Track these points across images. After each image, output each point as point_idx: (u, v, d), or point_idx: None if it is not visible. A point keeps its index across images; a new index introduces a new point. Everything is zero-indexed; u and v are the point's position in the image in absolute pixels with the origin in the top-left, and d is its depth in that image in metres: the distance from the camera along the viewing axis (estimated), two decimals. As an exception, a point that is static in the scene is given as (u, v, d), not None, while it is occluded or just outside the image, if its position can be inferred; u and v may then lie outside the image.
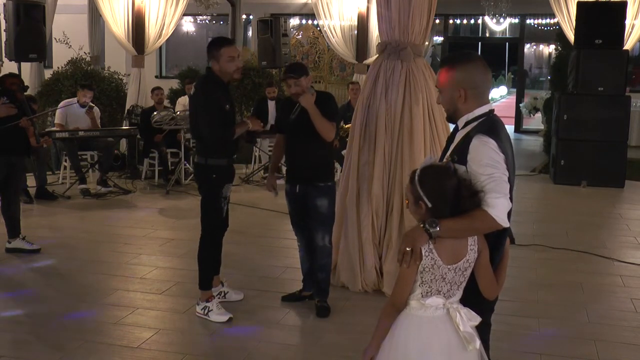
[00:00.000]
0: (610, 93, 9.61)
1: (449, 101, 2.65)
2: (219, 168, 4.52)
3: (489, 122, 2.57)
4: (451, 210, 2.38)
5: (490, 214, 2.39)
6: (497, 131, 2.52)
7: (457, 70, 2.61)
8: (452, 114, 2.68)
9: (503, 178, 2.43)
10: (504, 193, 2.42)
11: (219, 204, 4.56)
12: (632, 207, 8.49)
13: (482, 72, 2.62)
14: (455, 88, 2.60)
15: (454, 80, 2.61)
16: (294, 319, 4.64)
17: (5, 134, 5.87)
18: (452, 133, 2.74)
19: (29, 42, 9.25)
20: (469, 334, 2.39)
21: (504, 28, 20.50)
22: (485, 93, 2.65)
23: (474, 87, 2.60)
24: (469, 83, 2.59)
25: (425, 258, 2.37)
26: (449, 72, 2.63)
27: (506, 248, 2.60)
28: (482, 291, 2.51)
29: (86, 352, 4.03)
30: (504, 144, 2.50)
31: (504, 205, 2.42)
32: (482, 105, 2.61)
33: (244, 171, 10.08)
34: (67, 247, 6.27)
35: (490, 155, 2.45)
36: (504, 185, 2.43)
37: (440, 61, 2.70)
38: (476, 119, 2.59)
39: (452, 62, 2.65)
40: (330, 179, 4.65)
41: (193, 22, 18.99)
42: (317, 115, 4.43)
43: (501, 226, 2.43)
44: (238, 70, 4.49)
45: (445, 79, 2.64)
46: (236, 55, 4.47)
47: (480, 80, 2.61)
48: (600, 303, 5.00)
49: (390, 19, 5.19)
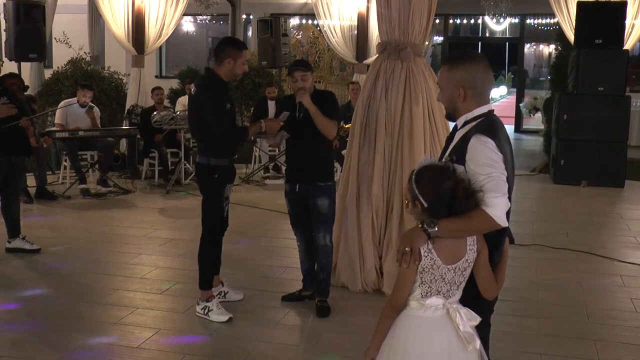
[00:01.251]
0: (610, 93, 9.61)
1: (448, 99, 2.65)
2: (221, 168, 4.52)
3: (488, 122, 2.57)
4: (448, 211, 2.38)
5: (489, 214, 2.39)
6: (496, 131, 2.52)
7: (458, 69, 2.61)
8: (452, 113, 2.68)
9: (501, 177, 2.43)
10: (503, 192, 2.42)
11: (220, 204, 4.56)
12: (632, 207, 8.49)
13: (483, 72, 2.62)
14: (455, 87, 2.60)
15: (454, 79, 2.61)
16: (294, 319, 4.64)
17: (5, 134, 5.88)
18: (451, 133, 2.74)
19: (29, 42, 9.25)
20: (469, 334, 2.39)
21: (504, 28, 20.50)
22: (486, 93, 2.65)
23: (474, 87, 2.59)
24: (469, 82, 2.59)
25: (425, 258, 2.37)
26: (449, 70, 2.63)
27: (505, 248, 2.60)
28: (481, 291, 2.51)
29: (86, 352, 4.03)
30: (502, 144, 2.49)
31: (503, 204, 2.42)
32: (481, 105, 2.61)
33: (244, 171, 10.08)
34: (67, 247, 6.27)
35: (489, 155, 2.44)
36: (502, 184, 2.43)
37: (443, 59, 2.69)
38: (475, 119, 2.59)
39: (454, 60, 2.65)
40: (330, 178, 4.65)
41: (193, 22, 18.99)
42: (317, 114, 4.44)
43: (500, 226, 2.43)
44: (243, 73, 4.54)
45: (445, 78, 2.64)
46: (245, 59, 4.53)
47: (481, 80, 2.61)
48: (600, 303, 5.00)
49: (390, 18, 5.19)
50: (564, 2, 10.82)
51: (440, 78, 2.68)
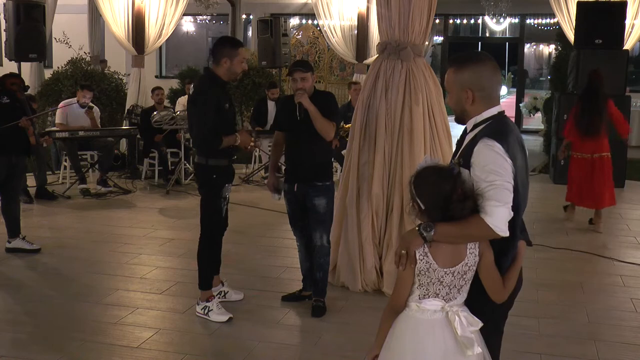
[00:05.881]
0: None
1: (456, 103, 2.57)
2: (220, 168, 4.52)
3: (497, 125, 2.48)
4: (443, 214, 2.35)
5: (486, 222, 2.33)
6: (505, 134, 2.44)
7: (464, 71, 2.53)
8: (460, 116, 2.60)
9: (505, 186, 2.35)
10: (505, 202, 2.34)
11: (219, 204, 4.56)
12: (632, 207, 8.49)
13: (490, 73, 2.53)
14: (462, 89, 2.52)
15: (461, 82, 2.52)
16: (294, 319, 4.63)
17: (5, 134, 5.88)
18: (461, 135, 2.66)
19: (29, 42, 9.26)
20: (468, 338, 2.35)
21: (504, 28, 20.49)
22: (494, 94, 2.56)
23: (482, 89, 2.51)
24: (476, 85, 2.51)
25: (420, 262, 2.36)
26: (456, 73, 2.55)
27: (520, 251, 2.51)
28: (489, 293, 2.46)
29: (86, 352, 4.03)
30: (512, 148, 2.41)
31: (503, 214, 2.34)
32: (490, 107, 2.52)
33: (244, 171, 10.08)
34: (67, 247, 6.27)
35: (495, 161, 2.36)
36: (505, 193, 2.34)
37: (448, 61, 2.61)
38: (484, 122, 2.51)
39: (459, 62, 2.56)
40: (328, 178, 4.65)
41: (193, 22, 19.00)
42: (316, 115, 4.45)
43: (499, 236, 2.35)
44: (243, 72, 4.53)
45: (452, 80, 2.56)
46: (245, 58, 4.53)
47: (489, 81, 2.53)
48: (600, 303, 5.01)
49: (390, 19, 5.19)
50: (564, 2, 10.81)
51: (446, 81, 2.59)
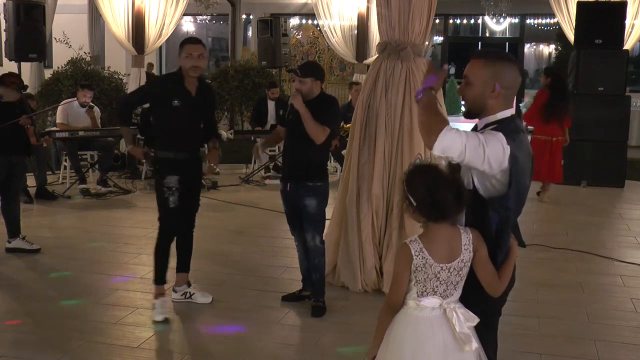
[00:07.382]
0: (610, 93, 9.62)
1: (479, 95, 2.51)
2: (164, 160, 4.60)
3: (509, 124, 2.48)
4: (433, 209, 2.36)
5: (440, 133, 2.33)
6: (514, 132, 2.44)
7: (496, 65, 2.51)
8: (476, 110, 2.55)
9: (482, 146, 2.33)
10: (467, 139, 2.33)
11: (162, 193, 4.56)
12: (632, 207, 8.49)
13: (517, 76, 2.54)
14: (490, 82, 2.48)
15: (491, 74, 2.49)
16: (294, 318, 4.63)
17: (5, 134, 5.87)
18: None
19: (29, 42, 9.26)
20: (465, 334, 2.38)
21: (504, 28, 20.49)
22: (512, 98, 2.57)
23: (508, 87, 2.51)
24: (505, 82, 2.50)
25: (416, 257, 2.38)
26: (487, 64, 2.51)
27: (512, 247, 2.53)
28: (485, 287, 2.48)
29: (86, 352, 4.03)
30: (516, 145, 2.40)
31: (453, 141, 2.33)
32: (507, 108, 2.53)
33: (244, 171, 10.08)
34: (67, 247, 6.26)
35: (490, 140, 2.36)
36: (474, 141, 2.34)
37: (476, 53, 2.61)
38: (496, 123, 2.50)
39: (491, 56, 2.55)
40: (321, 179, 4.58)
41: (193, 22, 19.01)
42: (307, 117, 4.40)
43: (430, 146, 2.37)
44: (193, 68, 4.49)
45: (480, 71, 2.51)
46: (196, 54, 4.48)
47: (514, 83, 2.53)
48: (600, 303, 5.00)
49: (390, 19, 5.19)
50: (564, 2, 10.83)
51: (472, 72, 2.53)
